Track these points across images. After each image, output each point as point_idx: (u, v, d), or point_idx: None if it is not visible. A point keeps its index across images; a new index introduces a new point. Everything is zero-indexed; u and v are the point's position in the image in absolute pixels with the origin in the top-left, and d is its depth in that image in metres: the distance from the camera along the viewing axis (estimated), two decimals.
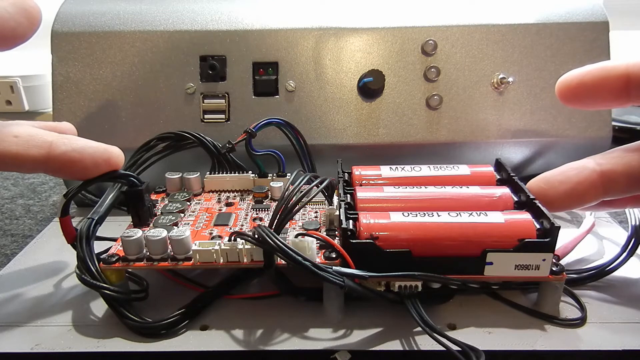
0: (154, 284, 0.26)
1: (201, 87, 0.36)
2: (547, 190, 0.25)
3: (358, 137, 0.36)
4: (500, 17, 0.36)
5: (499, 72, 0.35)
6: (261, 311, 0.25)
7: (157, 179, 0.32)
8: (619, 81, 0.23)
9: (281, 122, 0.32)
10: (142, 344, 0.23)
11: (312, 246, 0.23)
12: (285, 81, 0.36)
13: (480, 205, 0.25)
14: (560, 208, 0.25)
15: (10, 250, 0.34)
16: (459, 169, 0.29)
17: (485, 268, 0.23)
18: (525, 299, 0.25)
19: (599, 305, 0.25)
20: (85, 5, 0.37)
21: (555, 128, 0.36)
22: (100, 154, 0.24)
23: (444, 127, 0.36)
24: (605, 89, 0.23)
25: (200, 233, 0.27)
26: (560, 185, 0.24)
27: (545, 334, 0.23)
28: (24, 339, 0.23)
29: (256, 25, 0.36)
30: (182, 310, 0.24)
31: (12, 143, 0.23)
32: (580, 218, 0.34)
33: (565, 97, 0.24)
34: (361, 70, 0.36)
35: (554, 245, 0.22)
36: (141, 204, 0.27)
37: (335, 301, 0.24)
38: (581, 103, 0.24)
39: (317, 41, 0.36)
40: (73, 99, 0.36)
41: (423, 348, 0.22)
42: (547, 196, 0.25)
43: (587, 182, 0.24)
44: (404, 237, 0.23)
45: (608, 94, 0.23)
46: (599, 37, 0.35)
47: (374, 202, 0.26)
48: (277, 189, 0.31)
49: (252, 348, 0.23)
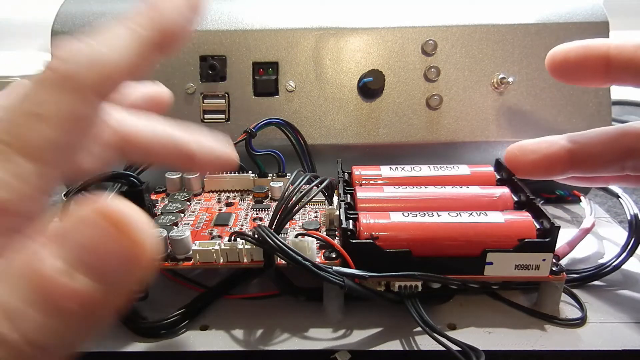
0: (154, 284, 0.26)
1: (201, 87, 0.36)
2: (518, 157, 0.27)
3: (358, 137, 0.36)
4: (500, 17, 0.36)
5: (499, 72, 0.35)
6: (261, 311, 0.25)
7: (157, 179, 0.32)
8: (599, 60, 0.24)
9: (281, 122, 0.32)
10: (142, 344, 0.23)
11: (312, 246, 0.23)
12: (285, 81, 0.36)
13: (480, 205, 0.25)
14: (527, 175, 0.26)
15: None
16: (459, 169, 0.29)
17: (485, 268, 0.23)
18: (525, 299, 0.25)
19: (599, 305, 0.25)
20: (85, 5, 0.37)
21: (555, 128, 0.35)
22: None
23: (444, 127, 0.36)
24: (586, 66, 0.24)
25: (200, 233, 0.27)
26: (531, 154, 0.26)
27: (545, 334, 0.23)
28: None
29: (256, 25, 0.36)
30: (182, 310, 0.24)
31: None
32: (580, 218, 0.34)
33: (551, 70, 0.25)
34: (361, 70, 0.36)
35: (554, 245, 0.22)
36: (141, 204, 0.27)
37: (335, 301, 0.24)
38: (565, 78, 0.26)
39: (317, 41, 0.36)
40: None
41: (423, 348, 0.22)
42: (518, 162, 0.27)
43: (555, 156, 0.25)
44: (404, 237, 0.23)
45: (588, 72, 0.24)
46: (599, 37, 0.35)
47: (374, 202, 0.26)
48: (277, 189, 0.31)
49: (252, 348, 0.23)
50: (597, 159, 0.25)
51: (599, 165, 0.25)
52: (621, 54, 0.23)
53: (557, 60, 0.25)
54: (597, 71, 0.24)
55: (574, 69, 0.25)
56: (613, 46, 0.23)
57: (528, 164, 0.26)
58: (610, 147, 0.24)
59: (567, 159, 0.25)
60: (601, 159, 0.25)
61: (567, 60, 0.25)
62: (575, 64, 0.24)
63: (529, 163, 0.26)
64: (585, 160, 0.25)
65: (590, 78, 0.25)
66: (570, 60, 0.25)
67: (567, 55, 0.25)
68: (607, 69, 0.24)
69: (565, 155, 0.25)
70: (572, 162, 0.25)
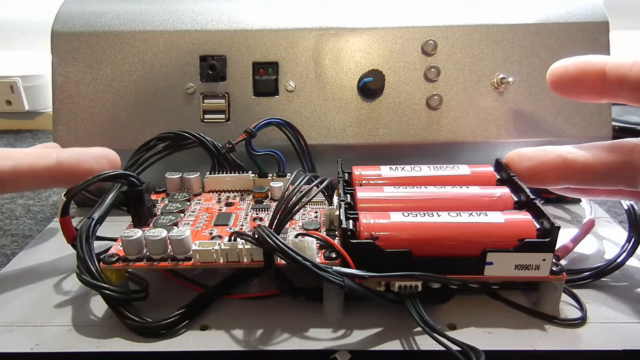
0: (154, 284, 0.26)
1: (201, 87, 0.36)
2: (516, 163, 0.27)
3: (358, 137, 0.36)
4: (500, 17, 0.36)
5: (499, 72, 0.35)
6: (261, 311, 0.25)
7: (157, 179, 0.32)
8: (595, 76, 0.24)
9: (281, 122, 0.32)
10: (142, 344, 0.23)
11: (312, 246, 0.23)
12: (285, 81, 0.36)
13: (480, 205, 0.25)
14: (523, 181, 0.27)
15: (10, 250, 0.34)
16: (459, 169, 0.29)
17: (485, 268, 0.23)
18: (525, 299, 0.25)
19: (599, 305, 0.25)
20: (85, 5, 0.37)
21: (555, 128, 0.36)
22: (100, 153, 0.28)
23: (444, 127, 0.36)
24: (583, 81, 0.25)
25: (200, 233, 0.27)
26: (527, 161, 0.27)
27: (545, 334, 0.23)
28: (24, 339, 0.23)
29: (256, 25, 0.36)
30: (182, 310, 0.24)
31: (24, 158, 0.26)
32: (580, 218, 0.34)
33: (551, 84, 0.26)
34: (361, 70, 0.36)
35: (554, 245, 0.22)
36: (141, 204, 0.27)
37: (335, 301, 0.24)
38: (564, 92, 0.26)
39: (317, 41, 0.36)
40: (73, 99, 0.36)
41: (423, 348, 0.22)
42: (515, 168, 0.27)
43: (550, 165, 0.26)
44: (404, 237, 0.23)
45: (585, 87, 0.25)
46: (599, 37, 0.35)
47: (374, 202, 0.26)
48: (277, 189, 0.31)
49: (252, 348, 0.23)
50: (591, 170, 0.25)
51: (593, 176, 0.25)
52: (617, 70, 0.24)
53: (557, 75, 0.26)
54: (593, 87, 0.25)
55: (572, 84, 0.25)
56: (610, 63, 0.24)
57: (524, 170, 0.27)
58: (604, 159, 0.25)
59: (562, 169, 0.26)
60: (595, 170, 0.25)
61: (566, 75, 0.25)
62: (573, 79, 0.25)
63: (525, 169, 0.27)
64: (579, 171, 0.25)
65: (587, 93, 0.25)
66: (568, 75, 0.25)
67: (565, 70, 0.25)
68: (603, 85, 0.24)
69: (560, 165, 0.26)
70: (566, 171, 0.26)
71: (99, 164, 0.27)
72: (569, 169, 0.26)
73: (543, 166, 0.26)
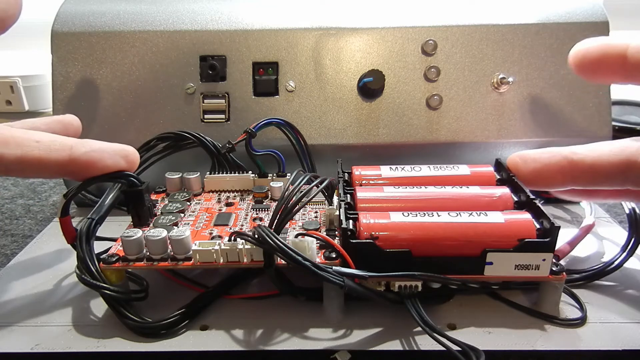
0: (154, 284, 0.26)
1: (201, 87, 0.36)
2: (520, 166, 0.27)
3: (358, 137, 0.36)
4: (500, 17, 0.36)
5: (499, 72, 0.35)
6: (261, 311, 0.25)
7: (157, 179, 0.32)
8: (616, 58, 0.24)
9: (281, 122, 0.32)
10: (142, 344, 0.23)
11: (312, 246, 0.23)
12: (285, 81, 0.36)
13: (480, 205, 0.25)
14: (528, 185, 0.26)
15: (10, 250, 0.34)
16: (459, 169, 0.29)
17: (485, 268, 0.23)
18: (525, 299, 0.25)
19: (599, 305, 0.25)
20: (85, 5, 0.37)
21: (555, 128, 0.36)
22: (119, 151, 0.25)
23: (444, 127, 0.36)
24: (604, 63, 0.24)
25: (200, 233, 0.27)
26: (532, 163, 0.26)
27: (545, 334, 0.23)
28: (24, 339, 0.23)
29: (256, 25, 0.36)
30: (182, 310, 0.24)
31: (34, 148, 0.23)
32: (580, 218, 0.34)
33: (573, 65, 0.26)
34: (361, 70, 0.36)
35: (554, 245, 0.22)
36: (141, 204, 0.27)
37: (335, 301, 0.24)
38: (585, 74, 0.26)
39: (317, 41, 0.36)
40: (73, 99, 0.36)
41: (423, 348, 0.22)
42: (519, 171, 0.27)
43: (556, 167, 0.25)
44: (404, 237, 0.23)
45: (606, 69, 0.25)
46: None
47: (374, 202, 0.26)
48: (277, 189, 0.31)
49: (252, 348, 0.23)
50: (598, 171, 0.24)
51: (601, 177, 0.25)
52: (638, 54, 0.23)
53: (578, 56, 0.25)
54: (614, 69, 0.24)
55: (593, 66, 0.25)
56: (632, 45, 0.24)
57: (529, 172, 0.26)
58: (611, 159, 0.24)
59: (568, 170, 0.25)
60: (603, 170, 0.24)
61: (588, 57, 0.25)
62: (595, 60, 0.25)
63: (530, 172, 0.26)
64: (586, 172, 0.25)
65: (609, 75, 0.25)
66: (590, 56, 0.25)
67: (587, 51, 0.25)
68: (624, 67, 0.24)
69: (567, 166, 0.25)
70: (573, 172, 0.25)
71: (115, 163, 0.25)
72: (576, 170, 0.25)
73: (549, 168, 0.25)
